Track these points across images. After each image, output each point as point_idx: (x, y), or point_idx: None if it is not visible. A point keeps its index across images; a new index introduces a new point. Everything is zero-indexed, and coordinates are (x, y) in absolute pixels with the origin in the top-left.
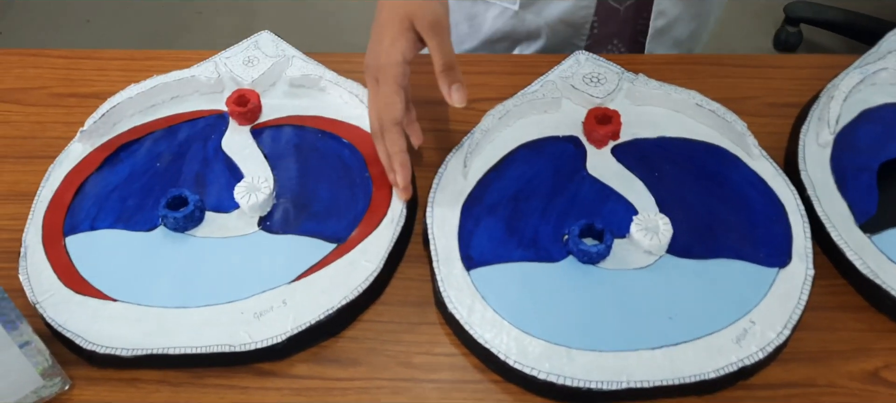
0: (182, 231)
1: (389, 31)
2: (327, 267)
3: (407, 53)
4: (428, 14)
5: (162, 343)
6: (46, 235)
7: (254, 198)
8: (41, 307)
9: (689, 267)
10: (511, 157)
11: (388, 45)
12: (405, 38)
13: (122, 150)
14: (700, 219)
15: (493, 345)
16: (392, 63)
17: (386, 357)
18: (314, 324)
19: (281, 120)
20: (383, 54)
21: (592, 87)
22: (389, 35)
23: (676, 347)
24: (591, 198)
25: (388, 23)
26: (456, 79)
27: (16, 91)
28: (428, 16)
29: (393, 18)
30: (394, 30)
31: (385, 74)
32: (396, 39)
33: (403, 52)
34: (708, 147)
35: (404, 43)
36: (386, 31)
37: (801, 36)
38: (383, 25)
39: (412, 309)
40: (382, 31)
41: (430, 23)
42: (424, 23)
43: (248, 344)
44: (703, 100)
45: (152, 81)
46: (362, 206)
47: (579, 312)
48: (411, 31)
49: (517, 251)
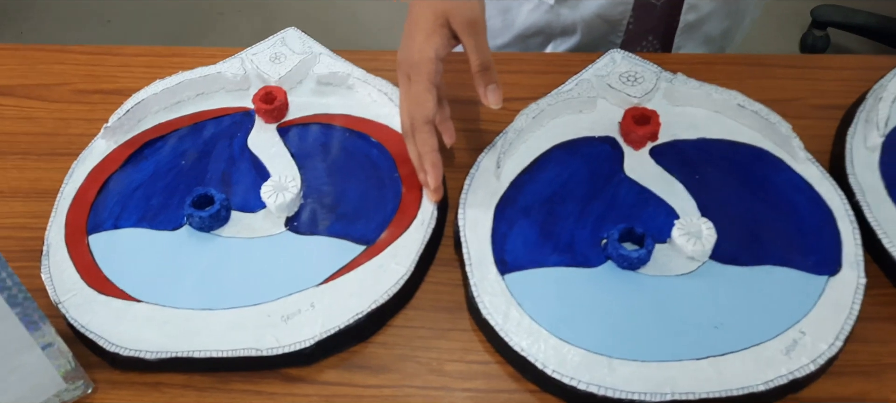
0: (208, 230)
1: (423, 27)
2: (356, 270)
3: (440, 50)
4: (465, 12)
5: (187, 345)
6: (69, 233)
7: (281, 197)
8: (64, 307)
9: (734, 274)
10: (545, 158)
11: (422, 41)
12: (439, 35)
13: (147, 147)
14: (744, 224)
15: (530, 354)
16: (425, 60)
17: (417, 364)
18: (343, 329)
19: (308, 118)
20: (416, 51)
21: (629, 87)
22: (423, 31)
23: (723, 357)
24: (630, 201)
25: (422, 19)
26: (492, 80)
27: (39, 87)
28: (465, 13)
29: (427, 14)
30: (428, 26)
31: (417, 71)
32: (430, 36)
33: (437, 48)
34: (750, 149)
35: (438, 40)
36: (419, 28)
37: (829, 40)
38: (417, 21)
39: (443, 315)
40: (416, 27)
41: (466, 21)
42: (461, 21)
43: (276, 349)
44: (746, 100)
45: (178, 77)
46: (392, 208)
47: (620, 320)
48: (446, 28)
49: (553, 255)
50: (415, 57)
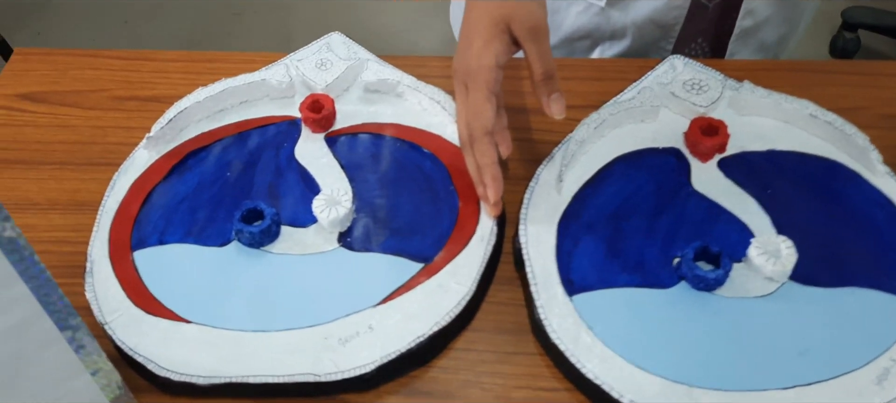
0: (258, 246)
1: (482, 32)
2: (414, 290)
3: (501, 57)
4: (527, 17)
5: (240, 370)
6: (113, 249)
7: (334, 212)
8: (110, 328)
9: (817, 296)
10: (608, 170)
11: (481, 47)
12: (500, 41)
13: (190, 158)
14: (823, 243)
15: (604, 382)
16: (484, 67)
17: (482, 391)
18: (404, 353)
19: (356, 127)
20: (474, 57)
21: (694, 95)
22: (482, 37)
23: (810, 387)
24: (700, 217)
25: (480, 23)
26: (555, 89)
27: (73, 93)
28: (527, 19)
29: (486, 19)
30: (487, 31)
31: (475, 80)
32: (490, 42)
33: (497, 55)
34: (824, 162)
35: (499, 46)
36: (478, 33)
37: (859, 42)
38: (474, 26)
39: (507, 338)
40: (473, 32)
41: (529, 27)
42: (523, 26)
43: (335, 374)
44: (818, 110)
45: (221, 85)
46: (448, 223)
47: (697, 345)
48: (506, 34)
49: (622, 275)
50: (473, 64)
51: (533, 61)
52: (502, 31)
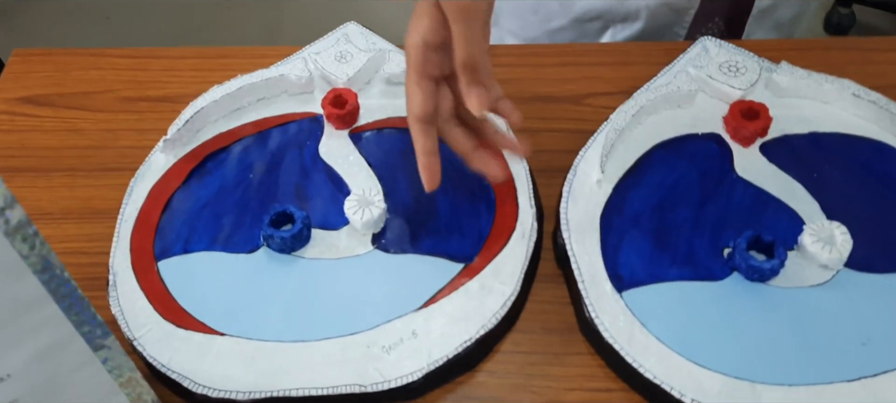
0: (289, 252)
1: (416, 11)
2: (457, 292)
3: (428, 35)
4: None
5: (282, 383)
6: (136, 260)
7: (368, 213)
8: (140, 344)
9: (875, 282)
10: (647, 160)
11: (411, 26)
12: (428, 17)
13: (209, 160)
14: (875, 227)
15: (663, 381)
16: (410, 46)
17: (533, 395)
18: (452, 359)
19: (381, 122)
20: (407, 37)
21: (732, 78)
22: (415, 13)
23: (876, 379)
24: (748, 205)
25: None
26: (477, 81)
27: (80, 95)
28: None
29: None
30: (419, 9)
31: (407, 61)
32: (419, 18)
33: (422, 34)
34: (869, 143)
35: (427, 22)
36: (414, 12)
37: (855, 17)
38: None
39: (555, 338)
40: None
41: (458, 5)
42: (451, 3)
43: (381, 384)
44: (861, 89)
45: (238, 82)
46: (486, 220)
47: (756, 339)
48: (436, 9)
49: (672, 269)
50: (405, 44)
51: (456, 44)
52: (432, 5)
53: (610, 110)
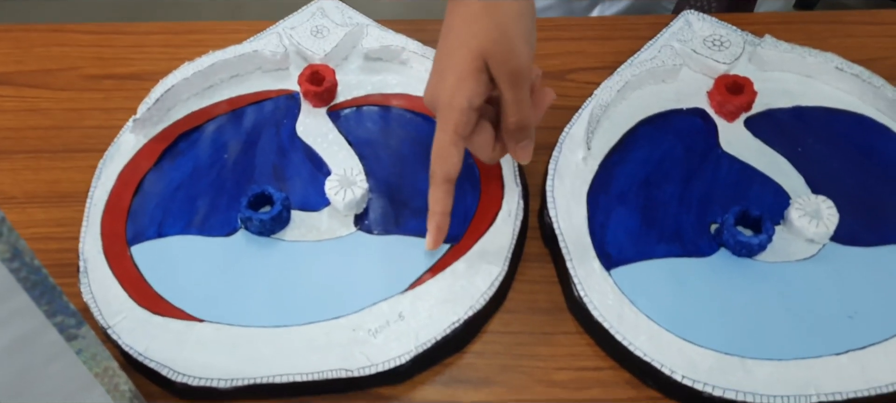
0: (268, 234)
1: (456, 67)
2: (443, 273)
3: (474, 99)
4: (509, 58)
5: (264, 370)
6: (107, 245)
7: (350, 194)
8: (115, 332)
9: (860, 256)
10: (632, 136)
11: (453, 84)
12: (476, 81)
13: (181, 140)
14: (859, 200)
15: (654, 358)
16: (455, 108)
17: (522, 375)
18: (440, 341)
19: (360, 99)
20: (447, 95)
21: (716, 52)
22: (456, 72)
23: (864, 351)
24: (734, 181)
25: (457, 55)
26: (527, 137)
27: (41, 73)
28: (509, 60)
29: (463, 52)
30: (462, 67)
31: (445, 120)
32: (464, 80)
33: (470, 97)
34: (851, 116)
35: (473, 86)
36: (452, 67)
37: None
38: (449, 57)
39: (543, 317)
40: (447, 64)
41: (510, 70)
42: (503, 69)
43: (368, 368)
44: (844, 62)
45: (210, 58)
46: (472, 199)
47: (746, 315)
48: (484, 73)
49: (660, 245)
50: (444, 100)
51: (508, 109)
52: (480, 69)
53: (594, 86)
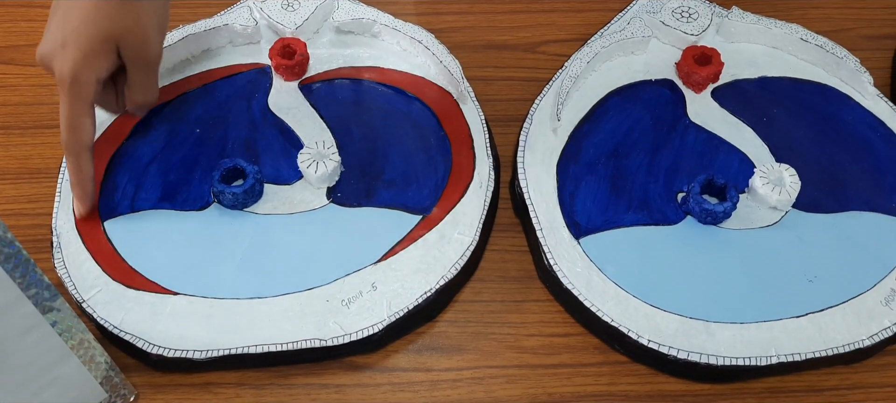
0: (241, 208)
1: (83, 42)
2: (415, 244)
3: (103, 74)
4: (142, 47)
5: (239, 340)
6: (80, 220)
7: (322, 167)
8: (89, 306)
9: (820, 222)
10: (602, 107)
11: (80, 59)
12: (105, 59)
13: (153, 115)
14: (821, 168)
15: (621, 324)
16: (83, 83)
17: (494, 342)
18: (412, 310)
19: (331, 73)
20: (72, 66)
21: (685, 23)
22: (82, 48)
23: (823, 313)
24: (700, 150)
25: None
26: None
27: (8, 49)
28: (142, 49)
29: (92, 30)
30: (91, 45)
31: (74, 93)
32: (93, 58)
33: (99, 74)
34: (815, 86)
35: (103, 64)
36: (77, 41)
37: None
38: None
39: (514, 286)
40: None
41: (143, 58)
42: (136, 56)
43: (341, 337)
44: (808, 34)
45: (180, 32)
46: (443, 170)
47: (710, 280)
48: (114, 54)
49: (628, 214)
50: (69, 73)
51: (135, 89)
52: (110, 50)
53: (564, 58)
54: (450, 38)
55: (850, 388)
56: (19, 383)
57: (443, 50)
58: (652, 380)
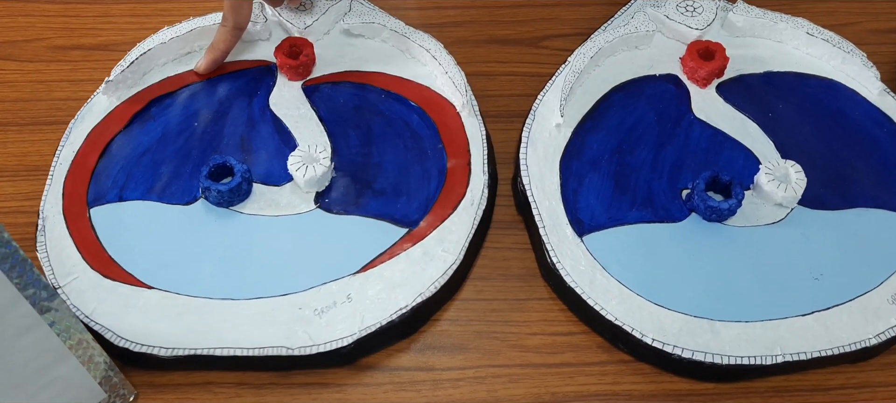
0: (227, 206)
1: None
2: (398, 257)
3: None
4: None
5: (207, 342)
6: (68, 205)
7: (311, 171)
8: (64, 293)
9: (826, 219)
10: (606, 102)
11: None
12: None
13: (154, 105)
14: (827, 164)
15: (625, 322)
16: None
17: (496, 341)
18: (385, 326)
19: (337, 76)
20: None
21: (689, 18)
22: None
23: (828, 311)
24: (705, 146)
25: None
26: None
27: (7, 44)
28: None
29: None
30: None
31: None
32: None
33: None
34: (821, 81)
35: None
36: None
37: None
38: None
39: (516, 284)
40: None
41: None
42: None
43: (309, 347)
44: (815, 28)
45: (189, 25)
46: (436, 184)
47: (715, 278)
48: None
49: (632, 211)
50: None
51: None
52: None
53: (567, 53)
54: (452, 33)
55: (856, 387)
56: (17, 384)
57: (450, 61)
58: (656, 380)
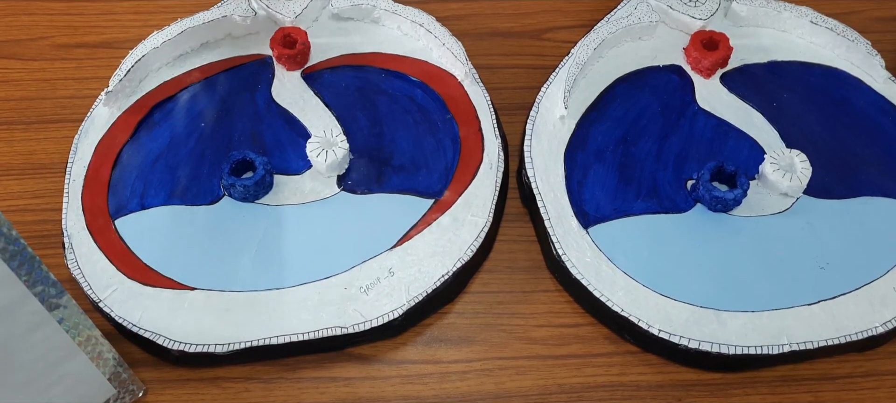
0: (252, 200)
1: None
2: (430, 227)
3: None
4: None
5: (260, 333)
6: (90, 220)
7: (332, 155)
8: (106, 305)
9: (832, 208)
10: (610, 94)
11: None
12: None
13: (156, 111)
14: (832, 153)
15: (632, 313)
16: None
17: (503, 333)
18: (431, 294)
19: (333, 61)
20: None
21: (692, 8)
22: None
23: (835, 300)
24: (709, 136)
25: None
26: None
27: (11, 43)
28: None
29: None
30: None
31: None
32: None
33: None
34: (826, 70)
35: None
36: None
37: None
38: None
39: (522, 276)
40: None
41: None
42: None
43: (362, 324)
44: (819, 16)
45: (178, 26)
46: (452, 154)
47: (721, 268)
48: None
49: (637, 202)
50: None
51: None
52: None
53: (570, 44)
54: (454, 26)
55: (863, 376)
56: (27, 380)
57: (444, 32)
58: (663, 370)
